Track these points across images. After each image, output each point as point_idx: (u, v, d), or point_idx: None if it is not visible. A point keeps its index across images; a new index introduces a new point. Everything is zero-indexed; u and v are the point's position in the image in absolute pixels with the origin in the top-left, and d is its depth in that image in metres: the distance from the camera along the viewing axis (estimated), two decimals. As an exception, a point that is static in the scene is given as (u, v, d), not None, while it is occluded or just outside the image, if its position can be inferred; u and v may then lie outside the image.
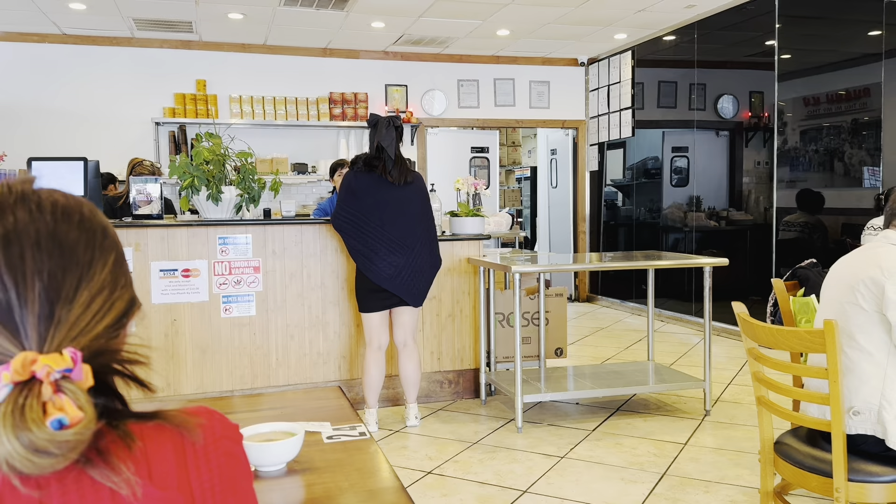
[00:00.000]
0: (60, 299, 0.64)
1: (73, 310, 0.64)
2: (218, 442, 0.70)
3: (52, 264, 0.65)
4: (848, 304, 2.13)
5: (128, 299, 0.70)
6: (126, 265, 0.73)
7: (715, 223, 6.83)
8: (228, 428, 0.72)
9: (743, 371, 5.09)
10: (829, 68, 6.37)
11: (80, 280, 0.66)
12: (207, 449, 0.68)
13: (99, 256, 0.68)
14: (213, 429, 0.70)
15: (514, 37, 7.31)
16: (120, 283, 0.70)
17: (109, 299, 0.67)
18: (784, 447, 2.27)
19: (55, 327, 0.63)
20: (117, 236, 0.74)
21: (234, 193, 3.99)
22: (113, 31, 6.86)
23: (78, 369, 0.61)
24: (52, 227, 0.67)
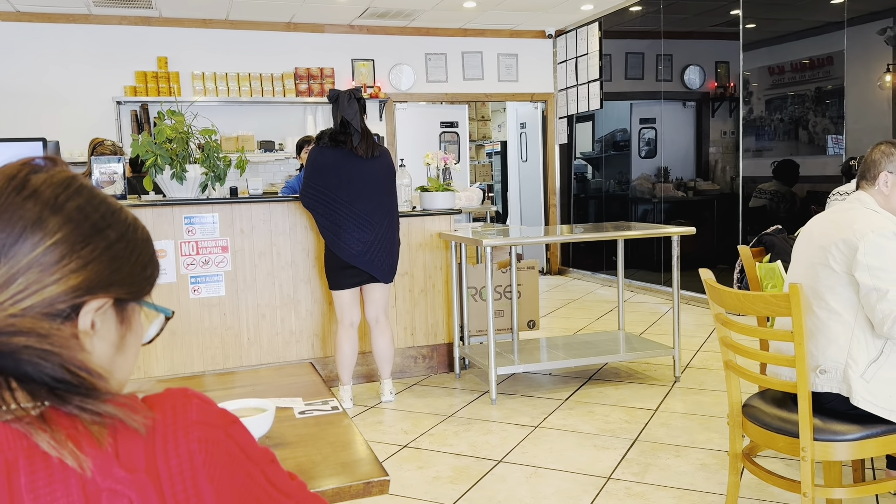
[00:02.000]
0: None
1: None
2: (189, 428, 0.68)
3: None
4: (819, 265, 2.17)
5: (76, 283, 0.67)
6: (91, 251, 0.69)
7: (683, 193, 6.90)
8: (207, 413, 0.70)
9: (711, 338, 5.17)
10: (792, 37, 6.42)
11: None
12: (177, 435, 0.67)
13: (33, 232, 0.66)
14: (187, 413, 0.68)
15: (480, 9, 7.25)
16: (66, 264, 0.66)
17: (38, 281, 0.65)
18: (751, 409, 2.32)
19: None
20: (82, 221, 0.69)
21: (199, 172, 3.92)
22: (69, 8, 6.66)
23: None
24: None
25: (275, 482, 0.75)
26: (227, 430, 0.71)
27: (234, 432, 0.72)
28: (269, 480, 0.74)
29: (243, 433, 0.73)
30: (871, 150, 2.28)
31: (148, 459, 0.65)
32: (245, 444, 0.72)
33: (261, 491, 0.73)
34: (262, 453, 0.74)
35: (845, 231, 2.11)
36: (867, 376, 2.08)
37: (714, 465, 3.01)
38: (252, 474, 0.72)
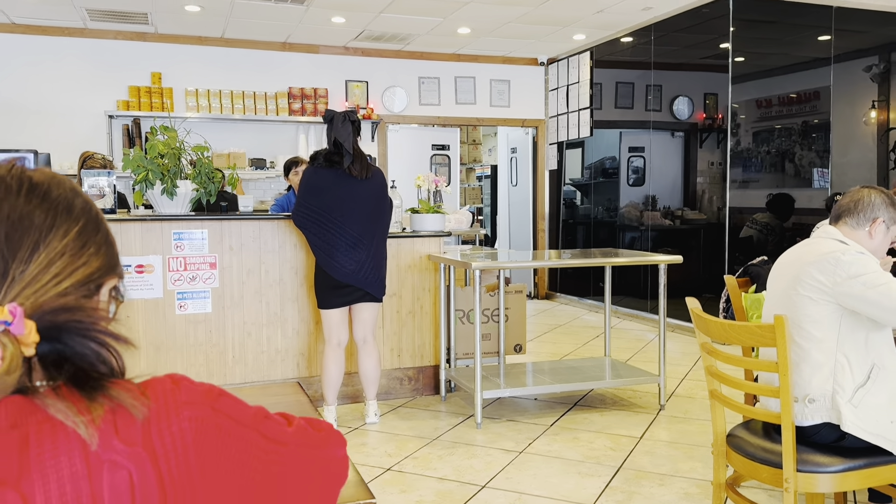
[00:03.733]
0: (15, 260, 0.70)
1: (28, 270, 0.70)
2: (180, 409, 0.74)
3: (10, 229, 0.72)
4: (795, 295, 2.20)
5: (97, 266, 0.76)
6: (101, 238, 0.78)
7: (670, 222, 6.96)
8: (194, 393, 0.76)
9: (697, 366, 5.19)
10: (780, 71, 6.54)
11: (37, 243, 0.72)
12: (169, 416, 0.73)
13: (61, 224, 0.74)
14: (176, 396, 0.75)
15: (474, 35, 7.34)
16: (88, 249, 0.75)
17: (73, 263, 0.73)
18: (736, 439, 2.33)
19: (8, 284, 0.69)
20: (94, 211, 0.79)
21: (190, 188, 3.92)
22: (65, 22, 6.68)
23: (18, 323, 0.66)
24: (16, 200, 0.74)
25: (269, 436, 0.80)
26: (213, 405, 0.77)
27: (220, 406, 0.77)
28: (265, 436, 0.80)
29: (230, 403, 0.79)
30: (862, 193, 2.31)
31: (144, 436, 0.71)
32: (233, 412, 0.78)
33: (258, 450, 0.78)
34: (252, 414, 0.80)
35: (813, 256, 2.17)
36: (855, 401, 2.10)
37: (698, 495, 3.01)
38: (246, 437, 0.78)
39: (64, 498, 0.67)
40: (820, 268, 2.14)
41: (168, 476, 0.71)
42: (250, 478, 0.78)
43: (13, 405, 0.69)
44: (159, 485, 0.70)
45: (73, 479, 0.68)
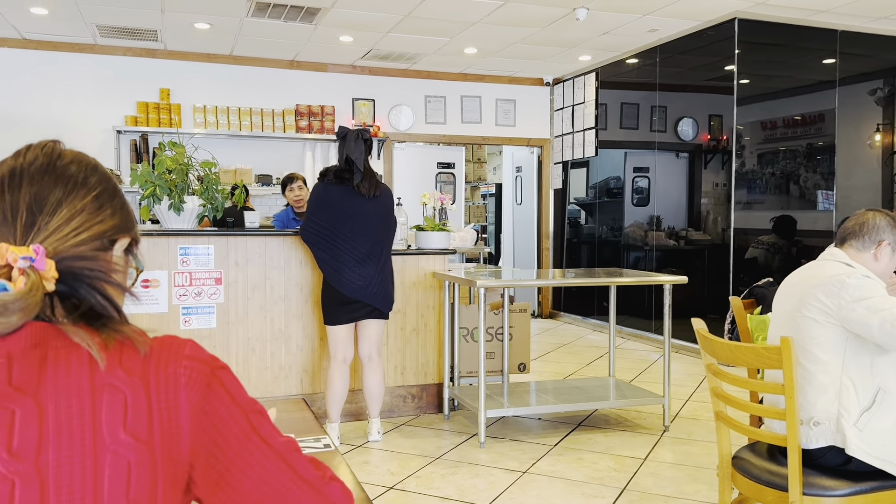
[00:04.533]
0: (43, 213, 0.85)
1: (52, 222, 0.85)
2: (180, 358, 0.85)
3: (41, 189, 0.87)
4: (800, 317, 2.20)
5: (111, 225, 0.90)
6: (118, 204, 0.92)
7: (674, 242, 6.96)
8: (199, 352, 0.86)
9: (701, 388, 5.17)
10: (785, 94, 6.57)
11: (60, 201, 0.86)
12: (168, 360, 0.84)
13: (81, 187, 0.89)
14: (181, 348, 0.86)
15: (481, 55, 7.39)
16: (104, 211, 0.89)
17: (90, 220, 0.87)
18: (741, 462, 2.31)
19: (35, 232, 0.84)
20: (111, 183, 0.93)
21: (197, 203, 3.94)
22: (75, 38, 6.75)
23: (40, 260, 0.80)
24: (47, 164, 0.89)
25: (258, 430, 0.87)
26: (213, 369, 0.86)
27: (220, 374, 0.87)
28: (252, 425, 0.87)
29: (230, 378, 0.88)
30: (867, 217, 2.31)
31: (143, 371, 0.82)
32: (230, 387, 0.87)
33: (239, 429, 0.86)
34: (249, 401, 0.88)
35: (818, 279, 2.17)
36: (860, 425, 2.09)
37: (702, 517, 2.98)
38: (233, 413, 0.86)
39: (70, 410, 0.79)
40: (825, 290, 2.14)
41: (157, 407, 0.82)
42: (220, 448, 0.85)
43: (38, 329, 0.82)
44: (148, 411, 0.81)
45: (79, 395, 0.80)
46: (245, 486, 0.85)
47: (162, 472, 0.82)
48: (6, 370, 0.80)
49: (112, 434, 0.79)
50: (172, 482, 0.83)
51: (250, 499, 0.86)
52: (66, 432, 0.78)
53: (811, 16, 6.04)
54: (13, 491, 0.76)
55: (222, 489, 0.85)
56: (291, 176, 5.82)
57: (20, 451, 0.77)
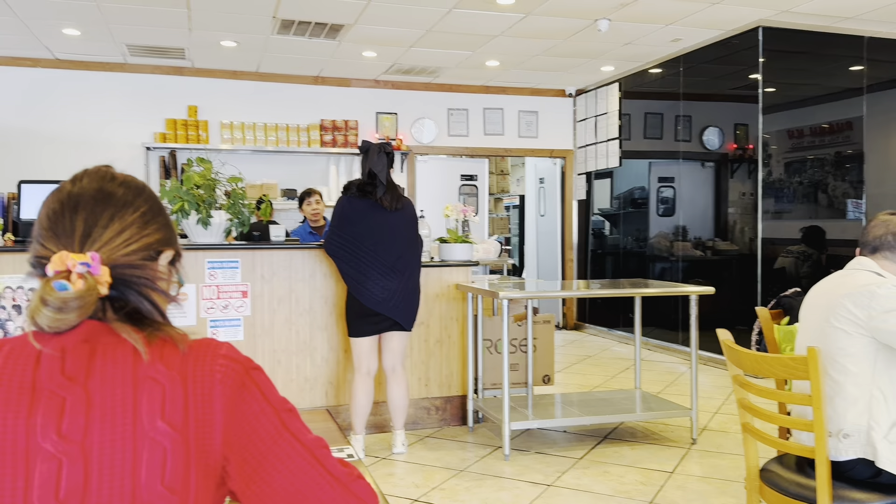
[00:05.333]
0: (97, 226, 0.96)
1: (105, 234, 0.96)
2: (216, 357, 0.93)
3: (95, 205, 0.98)
4: (829, 327, 2.17)
5: (157, 238, 1.00)
6: (163, 221, 1.03)
7: (701, 253, 6.90)
8: (235, 353, 0.95)
9: (729, 400, 5.10)
10: (812, 102, 6.50)
11: (112, 216, 0.97)
12: (206, 358, 0.92)
13: (129, 205, 1.00)
14: (217, 349, 0.94)
15: (503, 67, 7.42)
16: (151, 226, 1.00)
17: (139, 233, 0.98)
18: (770, 474, 2.28)
19: (90, 242, 0.95)
20: (157, 202, 1.04)
21: (224, 218, 4.00)
22: (106, 57, 6.91)
23: (95, 266, 0.90)
24: (99, 187, 1.00)
25: (289, 427, 0.94)
26: (247, 369, 0.94)
27: (254, 374, 0.94)
28: (283, 423, 0.93)
29: (263, 378, 0.95)
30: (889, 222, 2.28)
31: (181, 366, 0.90)
32: (263, 386, 0.95)
33: (271, 426, 0.92)
34: (280, 400, 0.95)
35: (847, 288, 2.14)
36: (891, 437, 2.05)
37: (731, 531, 2.94)
38: (265, 411, 0.93)
39: (114, 398, 0.87)
40: (854, 300, 2.11)
41: (192, 399, 0.89)
42: (254, 444, 0.91)
43: (89, 326, 0.92)
44: (184, 403, 0.89)
45: (123, 386, 0.88)
46: (277, 481, 0.91)
47: (195, 461, 0.88)
48: (60, 362, 0.89)
49: (150, 422, 0.87)
50: (205, 472, 0.89)
51: (282, 493, 0.91)
52: (109, 418, 0.86)
53: (837, 23, 5.98)
54: (60, 469, 0.84)
55: (256, 483, 0.91)
56: (309, 191, 5.88)
57: (68, 433, 0.85)
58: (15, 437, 0.85)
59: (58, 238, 0.95)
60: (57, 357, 0.89)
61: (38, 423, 0.85)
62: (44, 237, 0.97)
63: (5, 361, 0.90)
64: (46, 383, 0.88)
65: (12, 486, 0.84)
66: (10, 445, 0.85)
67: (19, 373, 0.88)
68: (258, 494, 0.91)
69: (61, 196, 1.00)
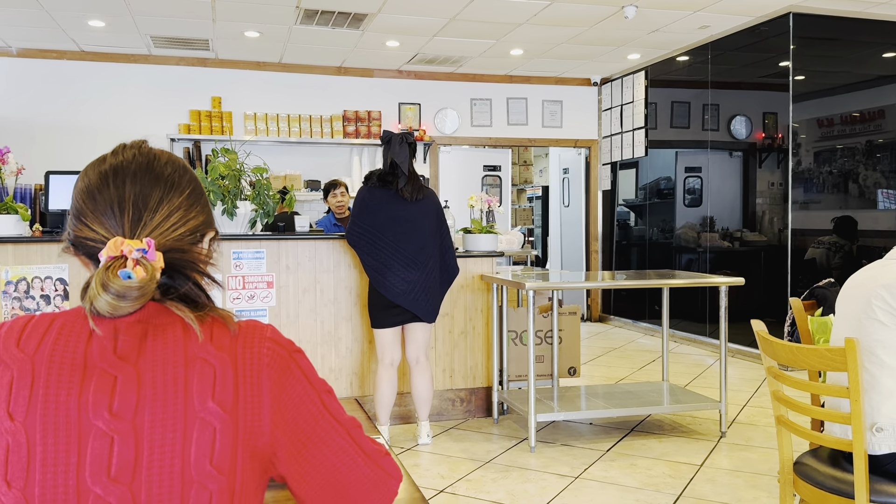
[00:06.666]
0: (147, 210, 0.94)
1: (155, 218, 0.94)
2: (264, 340, 0.94)
3: (143, 188, 0.96)
4: (865, 318, 2.11)
5: (201, 220, 0.99)
6: (204, 201, 1.02)
7: (729, 244, 6.80)
8: (279, 337, 0.96)
9: (759, 393, 5.03)
10: (843, 90, 6.36)
11: (161, 199, 0.96)
12: (254, 340, 0.93)
13: (177, 187, 0.98)
14: (263, 331, 0.95)
15: (527, 56, 7.35)
16: (195, 208, 0.99)
17: (185, 216, 0.97)
18: (804, 467, 2.23)
19: (141, 227, 0.93)
20: (198, 182, 1.02)
21: (249, 208, 4.00)
22: (130, 49, 6.95)
23: (151, 252, 0.89)
24: (146, 164, 0.98)
25: (329, 407, 0.96)
26: (291, 352, 0.95)
27: (297, 358, 0.96)
28: (324, 404, 0.95)
29: (306, 361, 0.97)
30: None
31: (231, 347, 0.91)
32: (306, 369, 0.96)
33: (314, 408, 0.94)
34: (320, 382, 0.97)
35: (885, 279, 2.08)
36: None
37: (762, 526, 2.89)
38: (308, 393, 0.95)
39: (165, 378, 0.88)
40: (892, 291, 2.05)
41: (242, 382, 0.90)
42: (301, 427, 0.93)
43: (143, 307, 0.91)
44: (234, 385, 0.90)
45: (174, 366, 0.89)
46: (318, 460, 0.93)
47: (242, 443, 0.89)
48: (112, 341, 0.89)
49: (201, 402, 0.87)
50: (252, 454, 0.90)
51: (323, 471, 0.94)
52: (160, 398, 0.87)
53: (869, 8, 5.84)
54: (112, 446, 0.85)
55: (300, 463, 0.92)
56: (334, 182, 5.87)
57: (120, 411, 0.86)
58: (67, 414, 0.85)
59: (104, 218, 0.94)
60: (109, 336, 0.90)
61: (90, 401, 0.86)
62: (86, 217, 0.95)
63: (57, 338, 0.89)
64: (98, 361, 0.88)
65: (66, 462, 0.84)
66: (63, 422, 0.85)
67: (71, 350, 0.88)
68: (302, 475, 0.93)
69: (104, 169, 0.98)
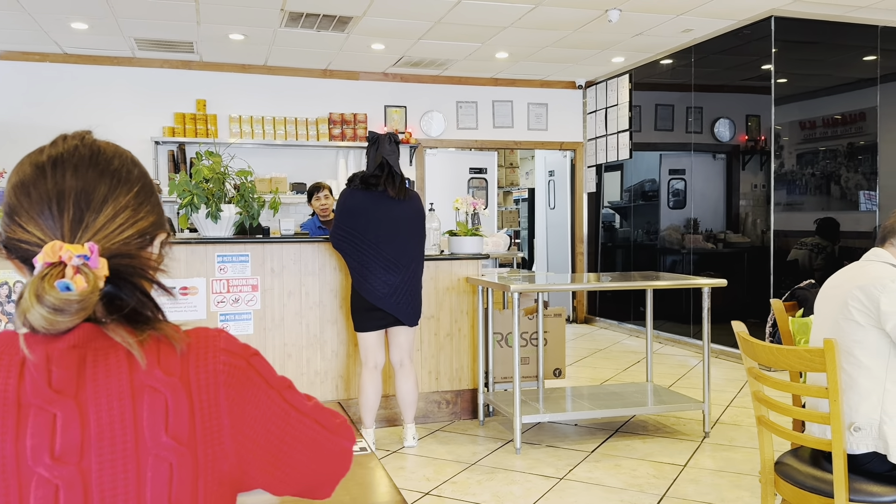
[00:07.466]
0: (90, 209, 0.84)
1: (99, 218, 0.84)
2: (217, 353, 0.85)
3: (86, 183, 0.85)
4: (842, 319, 2.14)
5: (152, 221, 0.89)
6: (154, 199, 0.91)
7: (712, 245, 6.85)
8: (233, 345, 0.87)
9: (742, 393, 5.07)
10: (824, 92, 6.43)
11: (106, 197, 0.85)
12: (206, 356, 0.84)
13: (125, 182, 0.88)
14: (216, 342, 0.86)
15: (512, 59, 7.38)
16: (145, 207, 0.89)
17: (133, 217, 0.87)
18: (785, 467, 2.26)
19: (83, 229, 0.83)
20: (148, 178, 0.92)
21: (234, 212, 3.99)
22: (114, 51, 6.91)
23: (94, 258, 0.79)
24: (90, 156, 0.87)
25: (293, 403, 0.91)
26: (248, 359, 0.88)
27: (254, 362, 0.88)
28: (288, 402, 0.90)
29: (263, 363, 0.90)
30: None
31: (182, 370, 0.82)
32: (265, 372, 0.89)
33: (279, 409, 0.89)
34: (280, 380, 0.91)
35: (861, 280, 2.11)
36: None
37: (745, 525, 2.92)
38: (271, 398, 0.88)
39: (111, 413, 0.78)
40: (867, 293, 2.08)
41: (198, 407, 0.82)
42: (272, 433, 0.87)
43: (79, 329, 0.80)
44: (190, 414, 0.81)
45: (120, 398, 0.79)
46: (295, 458, 0.90)
47: (205, 473, 0.82)
48: (45, 372, 0.78)
49: (154, 437, 0.79)
50: (217, 479, 0.83)
51: (300, 467, 0.90)
52: (108, 435, 0.78)
53: (850, 12, 5.91)
54: (57, 495, 0.75)
55: (278, 468, 0.88)
56: (318, 185, 5.86)
57: (63, 455, 0.76)
58: (3, 462, 0.75)
59: (40, 219, 0.83)
60: (42, 366, 0.78)
61: (27, 445, 0.76)
62: (20, 216, 0.83)
63: None
64: (33, 398, 0.77)
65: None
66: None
67: (1, 386, 0.77)
68: (281, 478, 0.89)
69: (41, 160, 0.86)
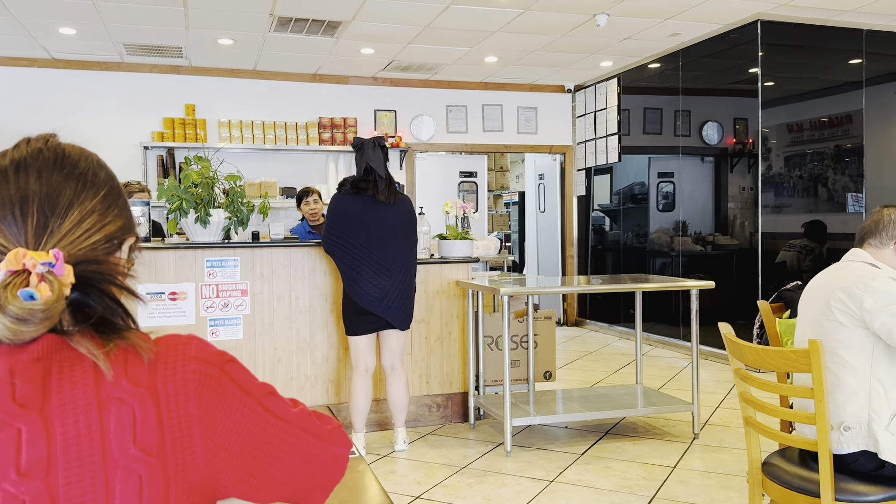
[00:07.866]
0: (55, 214, 0.82)
1: (64, 224, 0.82)
2: (188, 361, 0.82)
3: (51, 187, 0.83)
4: (825, 320, 2.16)
5: (119, 225, 0.87)
6: (122, 203, 0.89)
7: (701, 248, 6.89)
8: (205, 352, 0.84)
9: (731, 395, 5.10)
10: (811, 96, 6.48)
11: (72, 201, 0.83)
12: (175, 365, 0.81)
13: (91, 186, 0.86)
14: (186, 350, 0.83)
15: (501, 64, 7.40)
16: (112, 211, 0.87)
17: (100, 221, 0.85)
18: (772, 468, 2.28)
19: (48, 235, 0.81)
20: (115, 181, 0.90)
21: (223, 216, 3.98)
22: (103, 56, 6.89)
23: (59, 266, 0.77)
24: (54, 159, 0.85)
25: (273, 411, 0.87)
26: (221, 367, 0.84)
27: (229, 369, 0.85)
28: (267, 409, 0.86)
29: (239, 370, 0.86)
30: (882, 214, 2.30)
31: (150, 380, 0.80)
32: (241, 379, 0.86)
33: (256, 416, 0.85)
34: (259, 387, 0.87)
35: (842, 281, 2.14)
36: (892, 429, 2.05)
37: (734, 526, 2.94)
38: (248, 406, 0.85)
39: (77, 426, 0.76)
40: (849, 293, 2.11)
41: (167, 417, 0.79)
42: (248, 442, 0.84)
43: (43, 340, 0.79)
44: (158, 424, 0.79)
45: (86, 410, 0.77)
46: (274, 467, 0.86)
47: (175, 484, 0.80)
48: (9, 386, 0.77)
49: (122, 449, 0.77)
50: (189, 490, 0.81)
51: (281, 475, 0.87)
52: (74, 449, 0.76)
53: (835, 16, 5.96)
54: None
55: (255, 477, 0.85)
56: (306, 190, 5.86)
57: (29, 470, 0.74)
58: None
59: (2, 224, 0.81)
60: (5, 380, 0.76)
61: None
62: None
63: None
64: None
65: None
66: None
67: None
68: (259, 489, 0.86)
69: (3, 164, 0.84)
